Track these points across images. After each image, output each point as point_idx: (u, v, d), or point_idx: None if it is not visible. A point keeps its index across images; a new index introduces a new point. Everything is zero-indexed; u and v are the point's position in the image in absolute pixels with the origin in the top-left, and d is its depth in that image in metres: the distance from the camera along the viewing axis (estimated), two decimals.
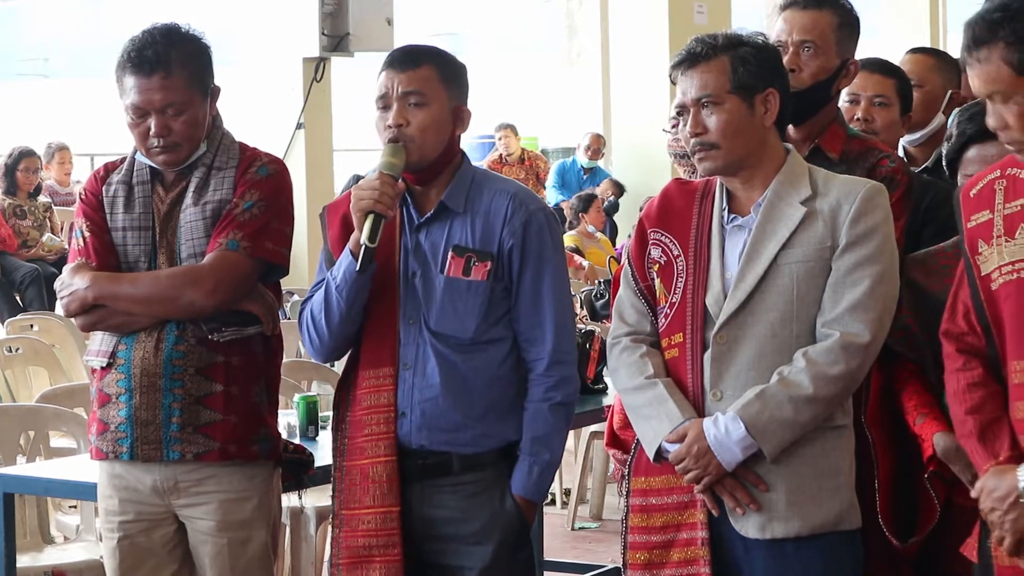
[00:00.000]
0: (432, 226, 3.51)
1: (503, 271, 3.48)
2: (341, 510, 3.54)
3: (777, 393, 3.20)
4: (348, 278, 3.45)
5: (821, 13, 3.73)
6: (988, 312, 2.93)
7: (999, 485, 2.85)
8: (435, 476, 3.49)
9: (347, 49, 10.60)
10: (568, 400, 3.52)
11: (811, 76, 3.69)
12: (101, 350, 3.71)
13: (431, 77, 3.47)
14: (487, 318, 3.47)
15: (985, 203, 2.96)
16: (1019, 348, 2.87)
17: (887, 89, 4.18)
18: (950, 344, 3.01)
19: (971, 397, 2.93)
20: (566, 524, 7.28)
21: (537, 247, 3.48)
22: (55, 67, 30.36)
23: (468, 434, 3.47)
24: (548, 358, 3.48)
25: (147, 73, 3.60)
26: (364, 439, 3.50)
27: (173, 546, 3.74)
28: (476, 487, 3.49)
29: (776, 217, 3.29)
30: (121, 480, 3.71)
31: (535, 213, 3.50)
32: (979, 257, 2.95)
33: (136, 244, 3.70)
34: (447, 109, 3.49)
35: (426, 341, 3.46)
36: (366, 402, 3.51)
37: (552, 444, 3.51)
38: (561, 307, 3.51)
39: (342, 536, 3.53)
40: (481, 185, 3.52)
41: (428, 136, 3.46)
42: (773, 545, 3.25)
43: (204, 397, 3.62)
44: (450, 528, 3.50)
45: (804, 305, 3.25)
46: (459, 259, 3.47)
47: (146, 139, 3.64)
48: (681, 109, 3.33)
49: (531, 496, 3.50)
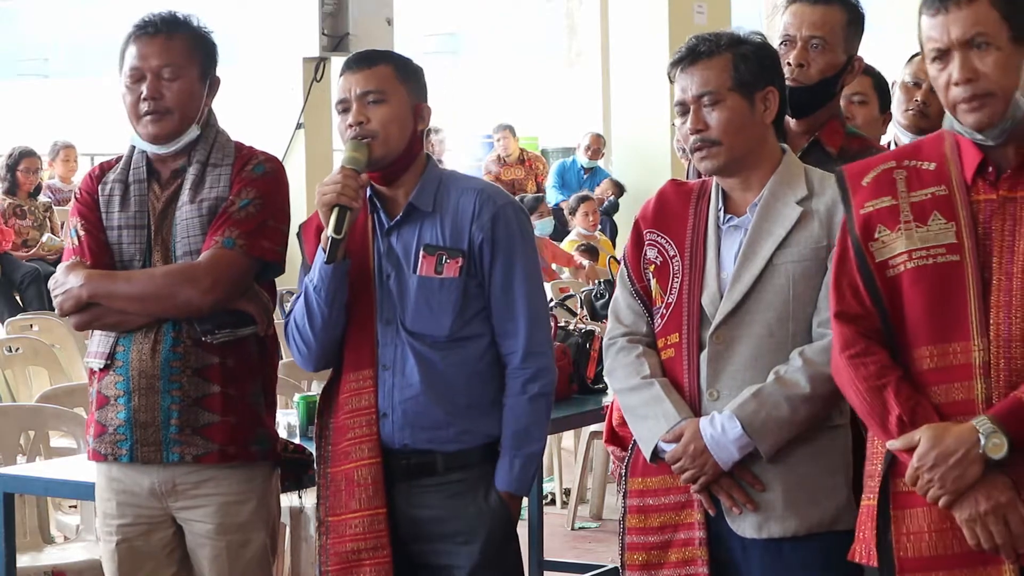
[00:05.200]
0: (402, 228, 3.54)
1: (475, 267, 3.51)
2: (327, 517, 3.56)
3: (774, 392, 3.21)
4: (324, 276, 3.48)
5: (831, 9, 3.73)
6: (885, 297, 2.94)
7: (944, 442, 2.84)
8: (420, 476, 3.50)
9: (347, 49, 10.58)
10: (546, 391, 3.54)
11: (819, 72, 3.70)
12: (99, 351, 3.70)
13: (388, 75, 3.52)
14: (462, 315, 3.49)
15: (885, 190, 2.98)
16: (931, 333, 2.89)
17: (864, 87, 4.21)
18: (848, 327, 2.99)
19: (887, 380, 2.93)
20: (566, 524, 7.28)
21: (506, 240, 3.51)
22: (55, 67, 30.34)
23: (450, 431, 3.49)
24: (523, 350, 3.51)
25: (150, 35, 3.63)
26: (348, 443, 3.52)
27: (171, 549, 3.73)
28: (460, 486, 3.50)
29: (772, 217, 3.29)
30: (119, 483, 3.71)
31: (503, 208, 3.53)
32: (874, 243, 2.96)
33: (132, 242, 3.69)
34: (407, 106, 3.53)
35: (404, 341, 3.49)
36: (348, 406, 3.53)
37: (533, 436, 3.53)
38: (533, 298, 3.54)
39: (329, 543, 3.55)
40: (448, 185, 3.56)
41: (391, 130, 3.50)
42: (770, 545, 3.25)
43: (202, 398, 3.62)
44: (436, 528, 3.51)
45: (800, 305, 3.26)
46: (430, 257, 3.50)
47: (137, 105, 3.64)
48: (680, 107, 3.34)
49: (515, 490, 3.52)
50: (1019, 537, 2.83)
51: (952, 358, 2.89)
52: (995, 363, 2.85)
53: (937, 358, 2.90)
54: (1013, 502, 2.83)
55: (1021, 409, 2.81)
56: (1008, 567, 2.85)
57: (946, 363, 2.89)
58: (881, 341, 2.97)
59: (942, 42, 2.89)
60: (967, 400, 2.87)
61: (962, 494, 2.85)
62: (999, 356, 2.85)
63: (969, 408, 2.86)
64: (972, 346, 2.86)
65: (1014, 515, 2.83)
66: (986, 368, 2.86)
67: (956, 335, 2.88)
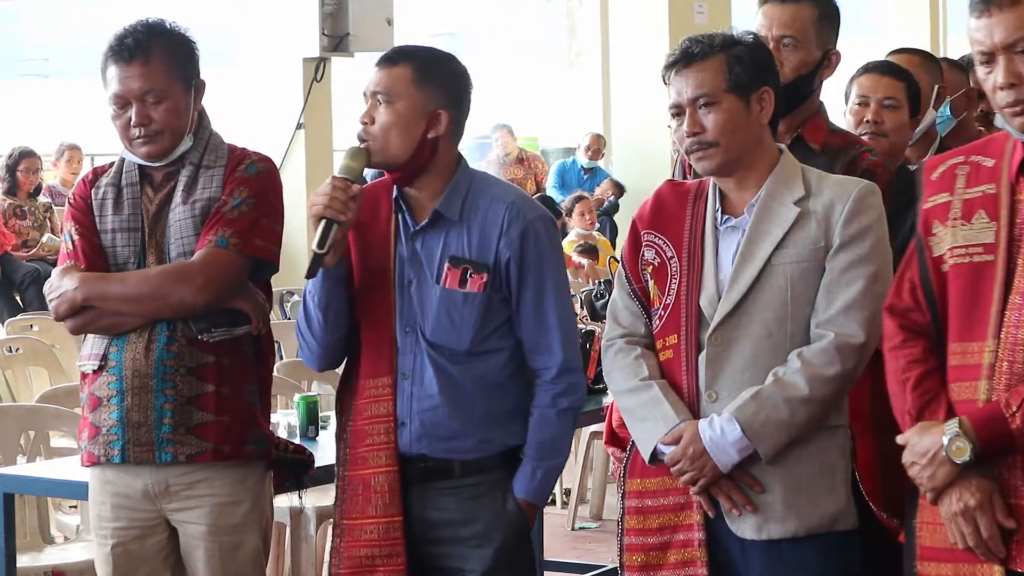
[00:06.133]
0: (428, 234, 3.47)
1: (500, 282, 3.45)
2: (343, 520, 3.54)
3: (772, 394, 3.21)
4: (316, 284, 3.46)
5: (800, 7, 3.74)
6: (936, 292, 2.95)
7: (921, 441, 2.89)
8: (436, 479, 3.48)
9: (347, 49, 10.59)
10: (575, 406, 3.51)
11: (793, 70, 3.71)
12: (92, 353, 3.70)
13: (403, 76, 3.43)
14: (483, 329, 3.45)
15: (946, 186, 2.98)
16: (959, 331, 2.90)
17: (897, 91, 4.15)
18: (893, 320, 3.02)
19: (911, 374, 2.96)
20: (566, 524, 7.28)
21: (536, 258, 3.45)
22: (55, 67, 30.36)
23: (468, 442, 3.46)
24: (558, 367, 3.47)
25: (126, 60, 3.61)
26: (366, 449, 3.50)
27: (167, 553, 3.73)
28: (477, 490, 3.48)
29: (770, 217, 3.29)
30: (112, 486, 3.70)
31: (532, 223, 3.45)
32: (932, 238, 2.97)
33: (126, 245, 3.69)
34: (418, 110, 3.42)
35: (423, 351, 3.45)
36: (367, 412, 3.50)
37: (557, 449, 3.51)
38: (565, 316, 3.49)
39: (343, 546, 3.52)
40: (478, 192, 3.48)
41: (390, 136, 3.42)
42: (770, 546, 3.25)
43: (196, 398, 3.61)
44: (450, 530, 3.49)
45: (798, 306, 3.26)
46: (456, 270, 3.44)
47: (128, 130, 3.64)
48: (676, 109, 3.33)
49: (533, 499, 3.50)
50: (991, 540, 2.83)
51: (969, 357, 2.89)
52: (999, 365, 2.84)
53: (959, 356, 2.91)
54: (984, 504, 2.83)
55: (997, 415, 2.81)
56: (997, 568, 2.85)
57: (965, 361, 2.90)
58: (926, 335, 2.98)
59: (986, 45, 2.87)
60: (971, 400, 2.87)
61: (940, 492, 2.88)
62: (1003, 358, 2.84)
63: (972, 408, 2.86)
64: (985, 346, 2.86)
65: (984, 518, 2.83)
66: (991, 369, 2.85)
67: (977, 334, 2.88)
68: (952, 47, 15.77)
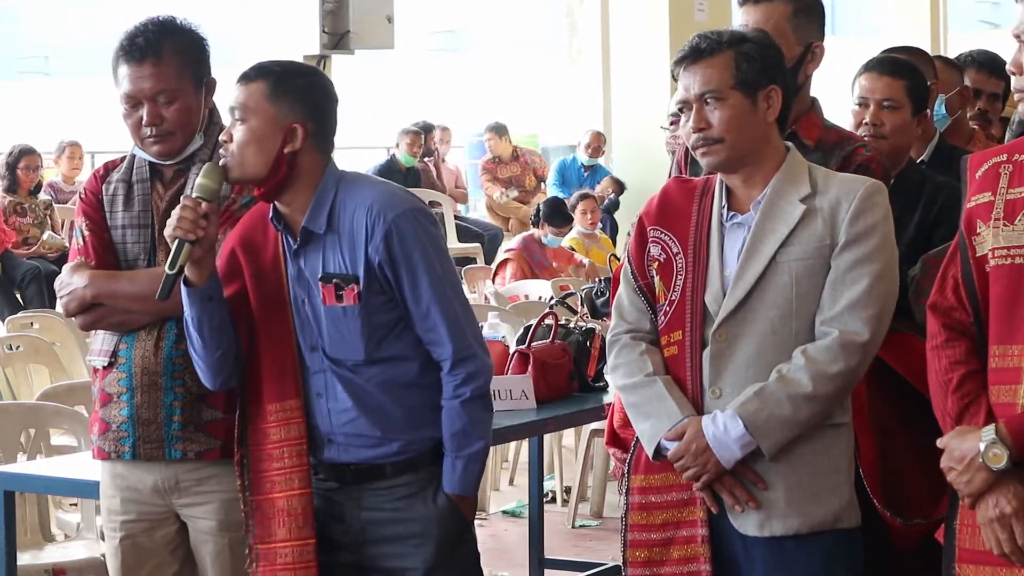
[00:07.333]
0: (307, 251, 3.45)
1: (379, 286, 3.42)
2: (256, 544, 3.51)
3: (776, 391, 3.21)
4: (186, 303, 3.43)
5: (773, 5, 3.73)
6: (979, 291, 2.94)
7: (960, 446, 2.87)
8: (370, 480, 3.48)
9: (348, 47, 10.58)
10: (479, 392, 3.46)
11: None
12: (102, 349, 3.71)
13: (256, 92, 3.40)
14: (373, 337, 3.42)
15: (988, 185, 2.96)
16: (1000, 333, 2.88)
17: (895, 92, 4.07)
18: (936, 319, 3.00)
19: (953, 376, 2.94)
20: (567, 522, 7.27)
21: (404, 256, 3.40)
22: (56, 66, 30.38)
23: (394, 445, 3.45)
24: (451, 357, 3.43)
25: (137, 60, 3.60)
26: (277, 472, 3.48)
27: (175, 546, 3.74)
28: (409, 488, 3.47)
29: (775, 215, 3.29)
30: (123, 480, 3.71)
31: (395, 221, 3.40)
32: (976, 238, 2.95)
33: (136, 242, 3.70)
34: (272, 125, 3.38)
35: (327, 367, 3.45)
36: (276, 436, 3.48)
37: (472, 437, 3.46)
38: (448, 306, 3.43)
39: (260, 571, 3.51)
40: (344, 200, 3.43)
41: (246, 153, 3.39)
42: (772, 543, 3.25)
43: (205, 395, 3.61)
44: (388, 530, 3.48)
45: (803, 303, 3.25)
46: (328, 286, 3.42)
47: (139, 129, 3.64)
48: (683, 105, 3.33)
49: (462, 491, 3.47)
50: None
51: (1009, 360, 2.87)
52: None
53: (999, 358, 2.89)
54: (1020, 511, 2.82)
55: None
56: None
57: (1005, 364, 2.88)
58: (968, 335, 2.96)
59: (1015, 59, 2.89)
60: (1010, 404, 2.85)
61: (977, 498, 2.86)
62: None
63: (1011, 412, 2.84)
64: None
65: (1019, 524, 2.82)
66: None
67: (1018, 337, 2.86)
68: (953, 47, 15.76)
